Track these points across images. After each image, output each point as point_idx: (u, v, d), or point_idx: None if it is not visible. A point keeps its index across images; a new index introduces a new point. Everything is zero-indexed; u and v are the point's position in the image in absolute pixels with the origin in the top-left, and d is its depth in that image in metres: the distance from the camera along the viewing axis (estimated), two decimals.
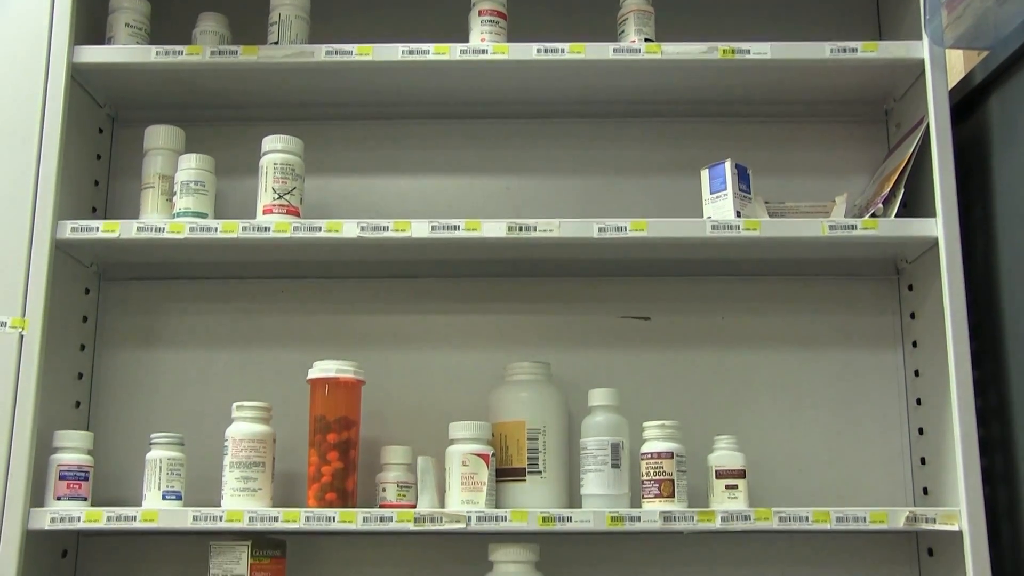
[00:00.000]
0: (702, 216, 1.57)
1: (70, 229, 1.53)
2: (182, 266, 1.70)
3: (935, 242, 1.51)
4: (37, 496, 1.47)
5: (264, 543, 1.51)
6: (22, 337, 1.48)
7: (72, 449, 1.50)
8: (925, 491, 1.60)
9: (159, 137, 1.63)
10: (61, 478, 1.48)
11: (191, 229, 1.53)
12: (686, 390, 1.68)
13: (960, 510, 1.43)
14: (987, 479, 1.48)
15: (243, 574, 1.47)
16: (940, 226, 1.50)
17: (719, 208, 1.56)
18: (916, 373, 1.64)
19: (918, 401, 1.63)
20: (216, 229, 1.53)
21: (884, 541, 1.64)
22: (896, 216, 1.54)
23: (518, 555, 1.46)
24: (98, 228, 1.53)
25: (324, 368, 1.51)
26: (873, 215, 1.57)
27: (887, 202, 1.57)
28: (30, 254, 1.51)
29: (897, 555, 1.63)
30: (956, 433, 1.45)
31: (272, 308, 1.72)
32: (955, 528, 1.43)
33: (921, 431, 1.62)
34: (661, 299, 1.72)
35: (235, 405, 1.52)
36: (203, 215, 1.58)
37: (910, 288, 1.66)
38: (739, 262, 1.68)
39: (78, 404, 1.65)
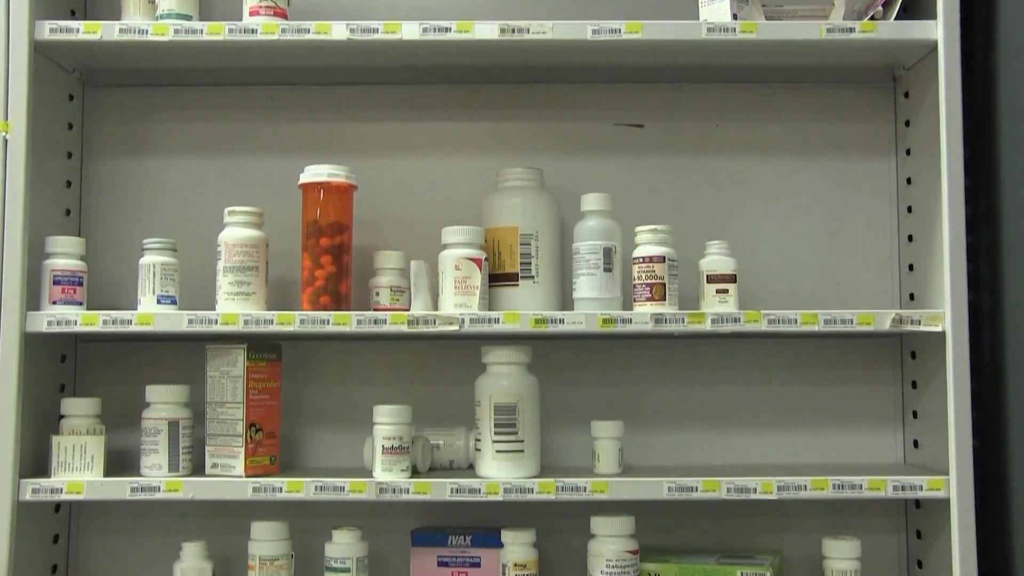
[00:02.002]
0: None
1: (48, 30, 1.49)
2: (168, 73, 1.66)
3: (934, 45, 1.49)
4: (33, 302, 1.48)
5: (260, 346, 1.53)
6: (6, 141, 1.46)
7: (65, 255, 1.51)
8: (912, 297, 1.63)
9: None
10: (55, 283, 1.49)
11: (176, 31, 1.49)
12: (679, 197, 1.68)
13: (944, 312, 1.46)
14: (972, 285, 1.49)
15: (240, 376, 1.50)
16: (940, 28, 1.47)
17: (715, 11, 1.53)
18: (908, 181, 1.64)
19: (909, 209, 1.64)
20: (202, 31, 1.49)
21: (869, 346, 1.67)
22: (896, 20, 1.51)
23: (511, 356, 1.48)
24: (79, 29, 1.49)
25: (316, 172, 1.50)
26: (872, 18, 1.54)
27: (887, 5, 1.54)
28: (8, 55, 1.47)
29: (881, 359, 1.67)
30: (945, 238, 1.46)
31: (262, 115, 1.69)
32: (939, 329, 1.46)
33: (911, 238, 1.63)
34: (655, 106, 1.70)
35: (227, 210, 1.51)
36: (188, 17, 1.53)
37: (906, 96, 1.64)
38: (734, 69, 1.65)
39: (68, 212, 1.64)
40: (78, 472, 1.47)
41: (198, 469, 1.53)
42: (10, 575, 1.43)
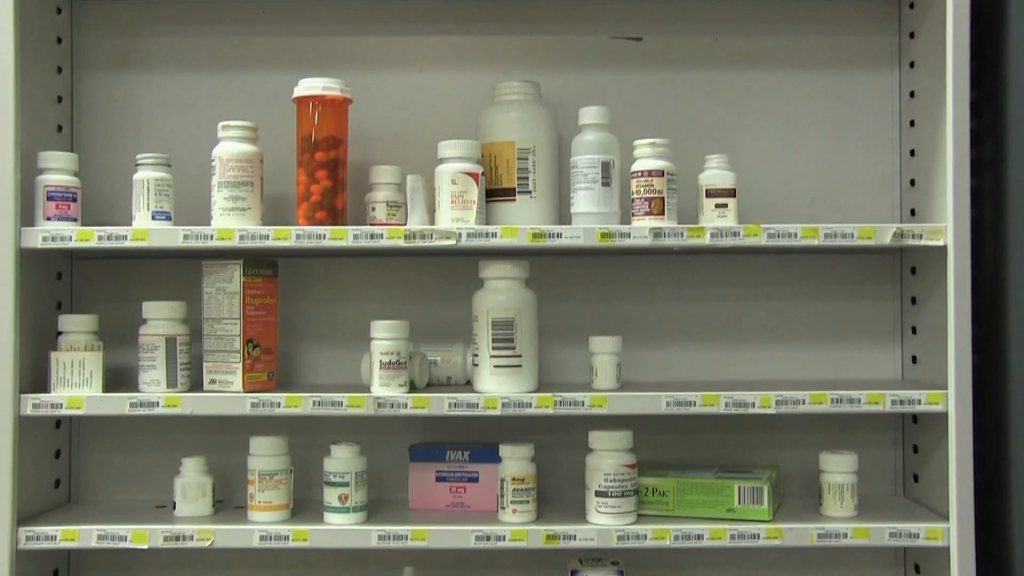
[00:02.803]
0: None
1: None
2: None
3: None
4: (27, 218, 1.47)
5: (256, 262, 1.52)
6: None
7: (58, 170, 1.49)
8: (913, 212, 1.61)
9: None
10: (49, 199, 1.47)
11: None
12: (678, 111, 1.66)
13: (947, 226, 1.44)
14: (975, 200, 1.48)
15: (236, 292, 1.49)
16: None
17: None
18: (911, 94, 1.62)
19: (911, 123, 1.62)
20: None
21: (869, 262, 1.66)
22: None
23: (508, 271, 1.47)
24: None
25: (310, 86, 1.48)
26: None
27: None
28: None
29: (881, 275, 1.66)
30: (948, 152, 1.44)
31: (256, 29, 1.66)
32: (940, 243, 1.45)
33: (913, 153, 1.61)
34: (653, 19, 1.66)
35: (221, 125, 1.49)
36: None
37: (911, 6, 1.61)
38: None
39: (60, 128, 1.62)
40: (77, 388, 1.47)
41: (196, 386, 1.53)
42: (14, 489, 1.44)
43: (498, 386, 1.46)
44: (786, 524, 1.45)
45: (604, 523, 1.44)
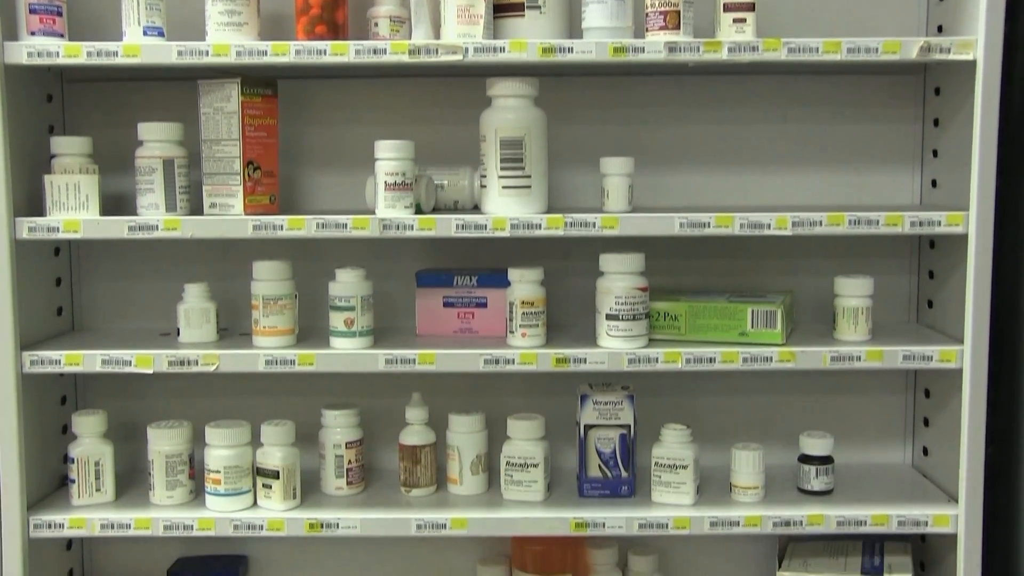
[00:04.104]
0: None
1: None
2: None
3: None
4: (9, 33, 1.40)
5: (254, 81, 1.46)
6: None
7: None
8: (940, 29, 1.54)
9: None
10: (32, 12, 1.40)
11: None
12: None
13: (977, 39, 1.37)
14: (1009, 13, 1.40)
15: (235, 112, 1.44)
16: None
17: None
18: None
19: None
20: None
21: (891, 84, 1.60)
22: None
23: (517, 89, 1.41)
24: None
25: None
26: None
27: None
28: None
29: (903, 96, 1.60)
30: None
31: None
32: (970, 58, 1.38)
33: None
34: None
35: None
36: None
37: None
38: None
39: None
40: (73, 211, 1.43)
41: (196, 212, 1.49)
42: (15, 313, 1.41)
43: (507, 208, 1.42)
44: (799, 347, 1.43)
45: (615, 347, 1.42)
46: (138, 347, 1.45)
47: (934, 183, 1.57)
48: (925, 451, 1.61)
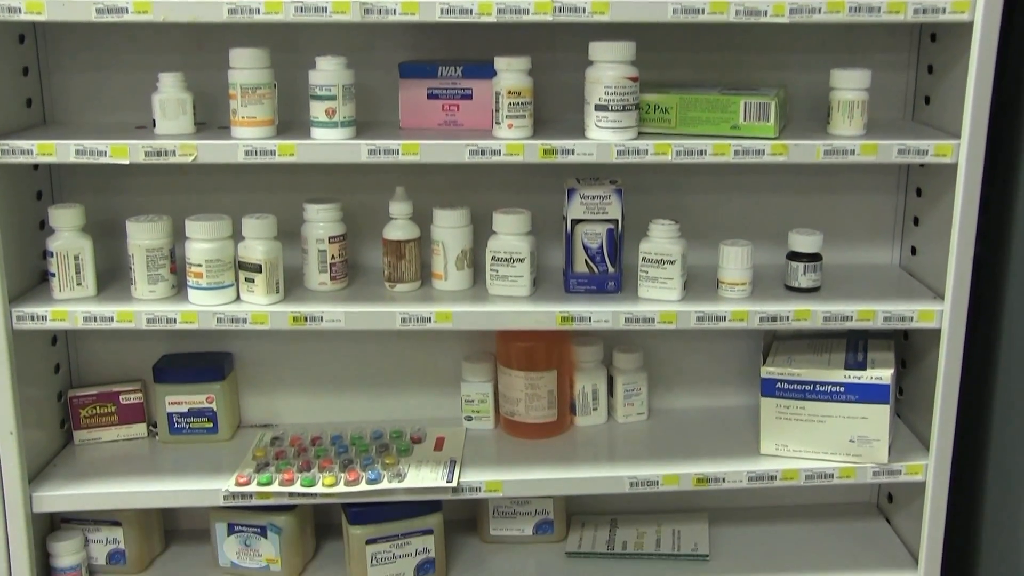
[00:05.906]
0: None
1: None
2: None
3: None
4: None
5: None
6: None
7: None
8: None
9: None
10: None
11: None
12: None
13: None
14: None
15: None
16: None
17: None
18: None
19: None
20: None
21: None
22: None
23: None
24: None
25: None
26: None
27: None
28: None
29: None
30: None
31: None
32: None
33: None
34: None
35: None
36: None
37: None
38: None
39: None
40: None
41: None
42: None
43: None
44: (792, 140, 1.40)
45: (604, 138, 1.39)
46: (113, 138, 1.41)
47: None
48: (913, 250, 1.60)
